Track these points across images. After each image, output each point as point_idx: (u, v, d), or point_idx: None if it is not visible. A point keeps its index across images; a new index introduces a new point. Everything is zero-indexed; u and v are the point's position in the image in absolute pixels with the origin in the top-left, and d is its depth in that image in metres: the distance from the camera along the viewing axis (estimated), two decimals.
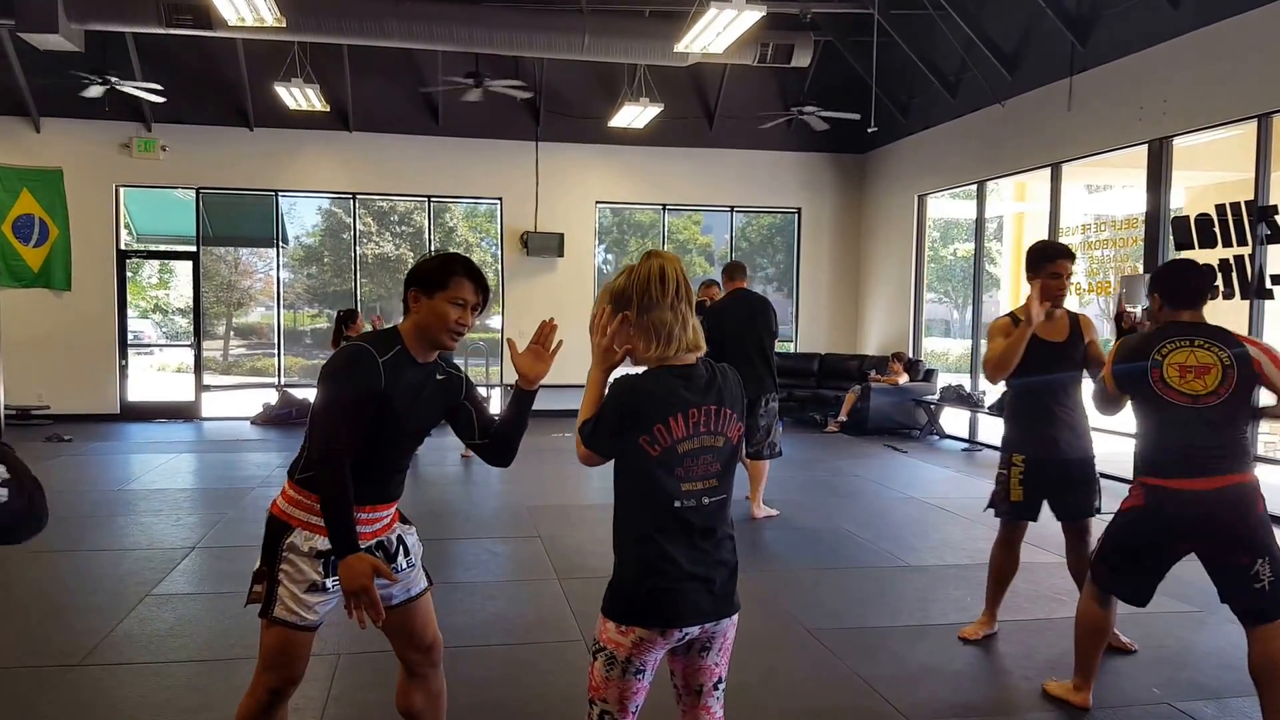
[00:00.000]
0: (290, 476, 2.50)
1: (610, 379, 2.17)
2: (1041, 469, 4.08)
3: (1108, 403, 3.49)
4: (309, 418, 2.51)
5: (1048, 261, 4.05)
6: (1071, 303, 9.32)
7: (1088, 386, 4.12)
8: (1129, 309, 3.90)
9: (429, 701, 2.73)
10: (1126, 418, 3.54)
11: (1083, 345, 4.05)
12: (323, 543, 2.42)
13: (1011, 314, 4.25)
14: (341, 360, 2.41)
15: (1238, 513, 3.11)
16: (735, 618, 2.16)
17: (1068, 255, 4.10)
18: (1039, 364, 4.05)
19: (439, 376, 2.56)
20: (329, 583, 2.44)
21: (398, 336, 2.47)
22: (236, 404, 12.72)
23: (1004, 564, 4.29)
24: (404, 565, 2.61)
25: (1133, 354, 3.28)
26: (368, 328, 10.02)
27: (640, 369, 2.15)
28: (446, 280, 2.42)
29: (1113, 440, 6.08)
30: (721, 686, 2.18)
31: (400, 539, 2.61)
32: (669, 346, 2.09)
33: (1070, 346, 4.06)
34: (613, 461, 2.13)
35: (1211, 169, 9.25)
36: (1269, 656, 3.07)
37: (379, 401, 2.37)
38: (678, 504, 2.05)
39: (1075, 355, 4.06)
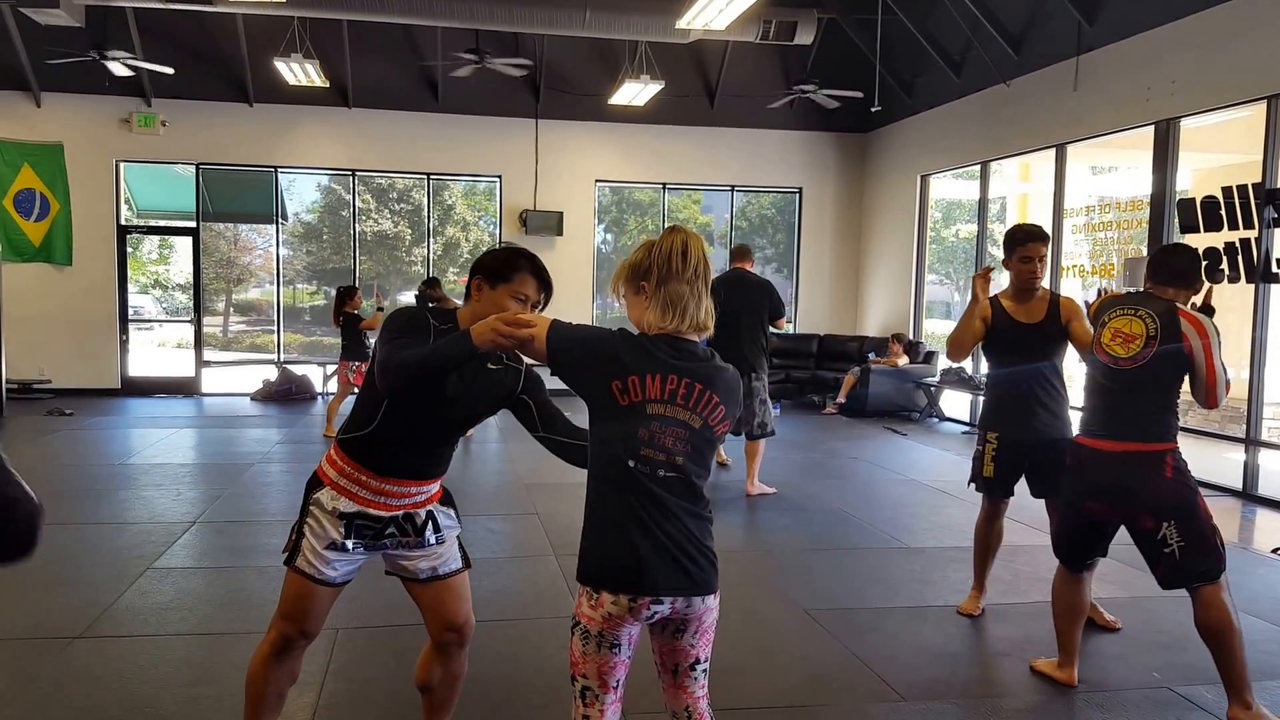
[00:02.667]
0: (336, 437, 2.58)
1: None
2: (1014, 447, 4.17)
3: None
4: (364, 381, 2.55)
5: (1017, 245, 4.14)
6: (1074, 285, 9.28)
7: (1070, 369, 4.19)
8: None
9: (446, 680, 2.75)
10: None
11: (1060, 327, 4.06)
12: (346, 505, 2.48)
13: (994, 297, 4.26)
14: (401, 317, 2.44)
15: (1140, 477, 3.27)
16: (712, 602, 2.13)
17: (1039, 238, 4.15)
18: (1014, 345, 4.14)
19: (491, 366, 2.52)
20: (350, 544, 2.50)
21: (454, 317, 2.49)
22: (236, 380, 12.72)
23: (987, 537, 4.39)
24: (432, 541, 2.61)
25: (1094, 319, 3.53)
26: (367, 304, 10.01)
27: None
28: (511, 274, 2.43)
29: None
30: (700, 668, 2.18)
31: (431, 515, 2.61)
32: (682, 320, 2.09)
33: (1046, 328, 4.08)
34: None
35: (1218, 151, 9.20)
36: (1205, 622, 3.24)
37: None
38: (631, 464, 2.02)
39: (1051, 337, 4.08)
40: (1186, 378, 3.31)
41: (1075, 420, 4.23)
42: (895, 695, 3.52)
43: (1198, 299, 3.47)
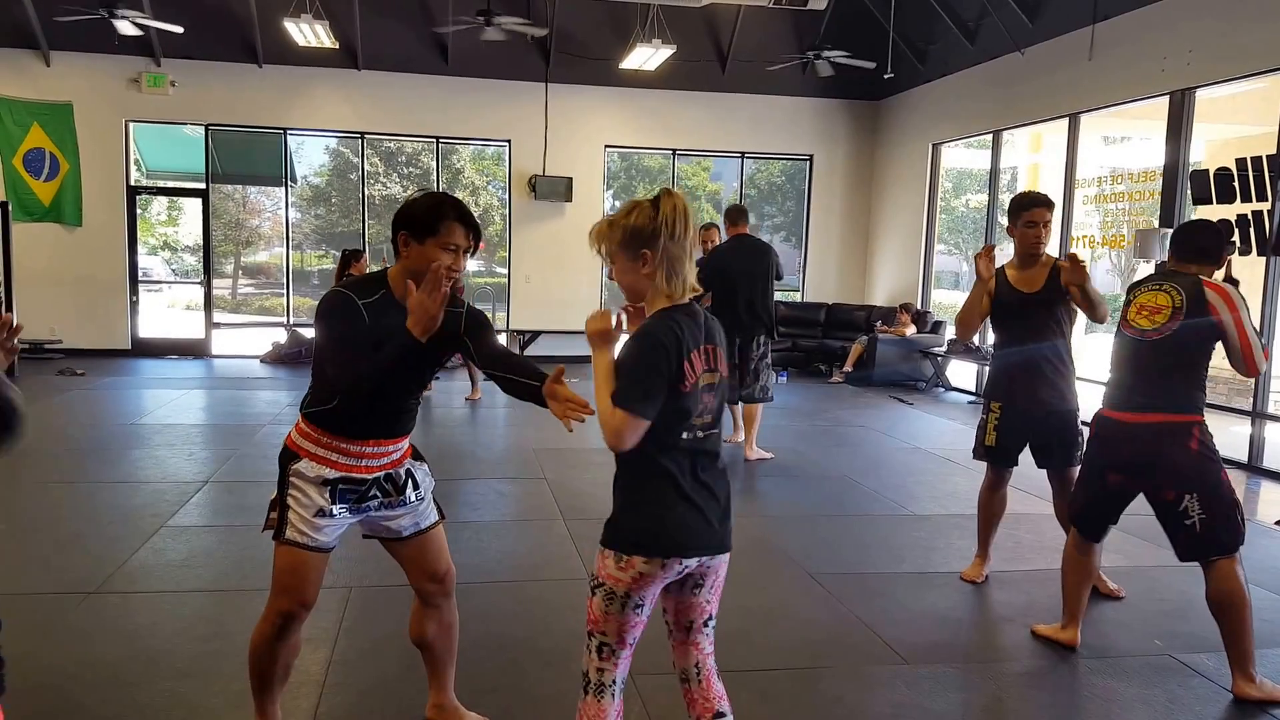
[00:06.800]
0: (301, 411, 2.56)
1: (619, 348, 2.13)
2: (1016, 417, 4.18)
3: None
4: (314, 359, 2.54)
5: (1022, 211, 4.13)
6: (1083, 255, 9.24)
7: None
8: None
9: (441, 631, 2.79)
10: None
11: (1061, 294, 4.03)
12: (330, 473, 2.49)
13: (999, 268, 4.24)
14: (323, 307, 2.42)
15: (1161, 448, 3.28)
16: (728, 556, 2.21)
17: (1044, 204, 4.14)
18: (1016, 314, 4.13)
19: None
20: (335, 509, 2.50)
21: (383, 280, 2.46)
22: (246, 342, 12.77)
23: (990, 505, 4.43)
24: (413, 498, 2.65)
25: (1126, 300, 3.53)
26: (373, 269, 10.01)
27: (647, 317, 2.13)
28: (437, 225, 2.38)
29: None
30: (711, 623, 2.24)
31: (409, 472, 2.65)
32: (684, 286, 2.11)
33: (1046, 295, 4.07)
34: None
35: (1232, 122, 9.12)
36: (1219, 593, 3.26)
37: (371, 340, 2.35)
38: (686, 435, 2.08)
39: (1052, 304, 4.07)
40: (1221, 349, 3.32)
41: (1079, 394, 4.28)
42: (899, 659, 3.57)
43: (1220, 272, 3.47)
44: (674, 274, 2.09)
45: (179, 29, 10.27)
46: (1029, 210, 4.09)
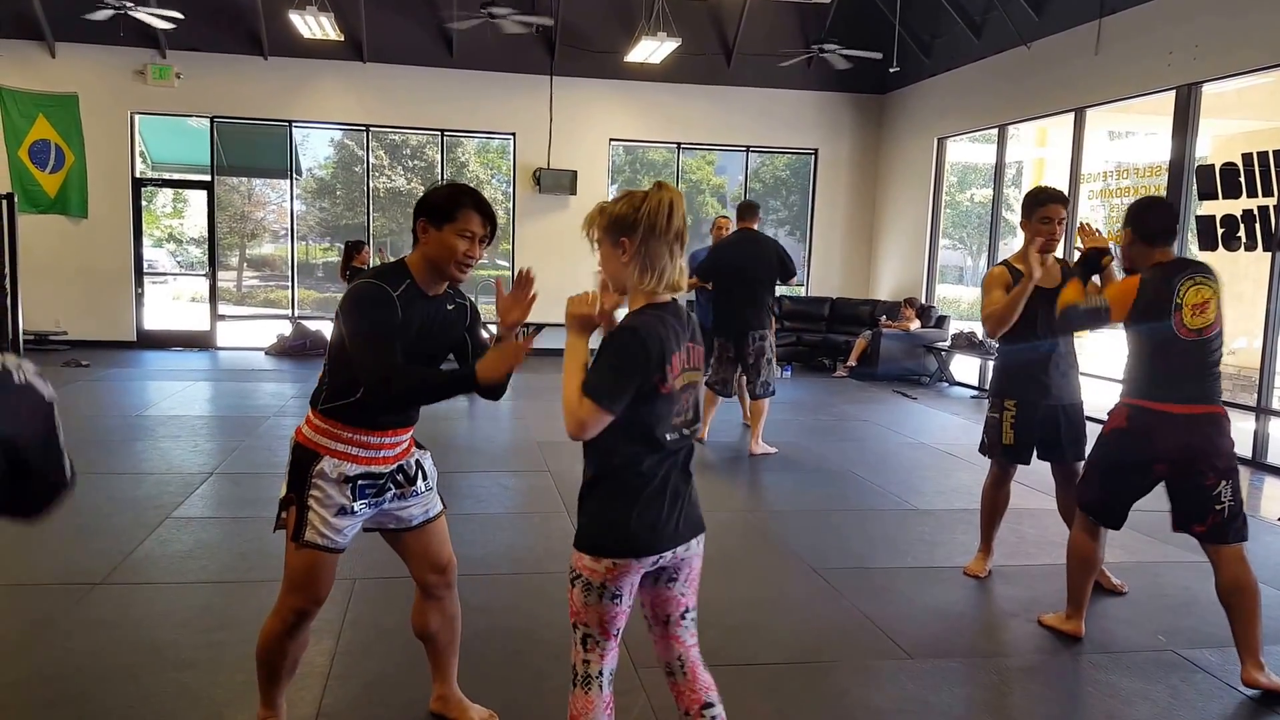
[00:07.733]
0: (314, 406, 2.53)
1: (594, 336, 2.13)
2: (1032, 413, 4.16)
3: (1088, 325, 3.64)
4: (330, 351, 2.53)
5: (1039, 206, 4.11)
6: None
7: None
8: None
9: (445, 623, 2.80)
10: (1107, 363, 3.62)
11: None
12: (351, 469, 2.48)
13: (1006, 263, 4.22)
14: (359, 296, 2.40)
15: (1211, 437, 3.35)
16: (699, 548, 2.21)
17: (1060, 200, 4.13)
18: (1032, 309, 4.09)
19: (449, 308, 2.58)
20: (356, 506, 2.51)
21: (406, 270, 2.48)
22: (251, 334, 12.79)
23: (996, 501, 4.42)
24: (423, 488, 2.68)
25: (1157, 298, 3.38)
26: (375, 259, 10.01)
27: (627, 312, 2.12)
28: (455, 212, 2.43)
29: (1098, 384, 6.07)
30: (690, 616, 2.25)
31: (419, 463, 2.68)
32: (659, 281, 2.09)
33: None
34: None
35: (1239, 117, 9.09)
36: (1235, 580, 3.30)
37: (403, 330, 2.40)
38: (670, 436, 2.10)
39: None
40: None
41: (1083, 385, 4.27)
42: (902, 653, 3.58)
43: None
44: (649, 268, 2.07)
45: (168, 25, 10.19)
46: (1045, 206, 4.07)
